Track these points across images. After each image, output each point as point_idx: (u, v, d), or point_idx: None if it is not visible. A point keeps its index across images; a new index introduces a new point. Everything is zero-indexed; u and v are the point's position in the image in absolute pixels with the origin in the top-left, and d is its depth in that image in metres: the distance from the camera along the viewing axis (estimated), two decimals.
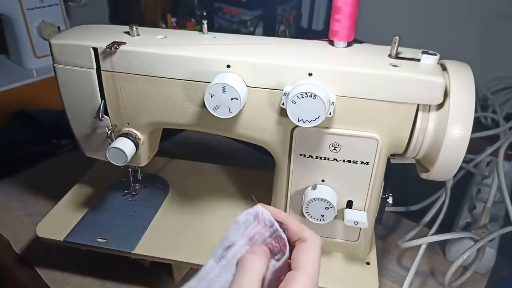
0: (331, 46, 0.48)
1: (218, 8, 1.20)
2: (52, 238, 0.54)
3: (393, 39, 0.45)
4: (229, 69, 0.44)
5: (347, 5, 0.44)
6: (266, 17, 1.16)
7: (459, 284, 0.54)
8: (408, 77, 0.41)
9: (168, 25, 1.20)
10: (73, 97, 0.51)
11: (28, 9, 0.88)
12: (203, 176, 0.68)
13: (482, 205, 0.60)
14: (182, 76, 0.46)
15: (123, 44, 0.46)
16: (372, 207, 0.50)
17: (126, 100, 0.50)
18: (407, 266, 0.57)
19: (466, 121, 0.41)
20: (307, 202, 0.48)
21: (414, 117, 0.44)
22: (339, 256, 0.54)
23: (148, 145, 0.55)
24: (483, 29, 1.00)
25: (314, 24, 1.20)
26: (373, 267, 0.53)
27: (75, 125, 0.54)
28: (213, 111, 0.44)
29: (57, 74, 0.50)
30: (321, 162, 0.48)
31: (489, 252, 0.56)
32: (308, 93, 0.40)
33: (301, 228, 0.33)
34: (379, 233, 0.63)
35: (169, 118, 0.50)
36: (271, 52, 0.46)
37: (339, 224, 0.52)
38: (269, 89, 0.45)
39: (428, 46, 0.47)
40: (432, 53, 0.44)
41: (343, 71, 0.42)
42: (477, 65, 0.47)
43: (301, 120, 0.41)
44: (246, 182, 0.66)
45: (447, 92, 0.42)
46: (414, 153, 0.47)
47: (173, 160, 0.71)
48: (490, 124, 0.93)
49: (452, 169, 0.44)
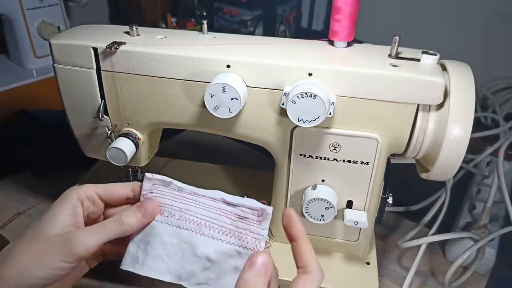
0: (331, 46, 0.48)
1: (218, 8, 1.20)
2: None
3: (393, 39, 0.45)
4: (229, 69, 0.44)
5: (347, 5, 0.44)
6: (266, 17, 1.16)
7: (459, 284, 0.54)
8: (408, 77, 0.41)
9: (168, 25, 1.20)
10: (73, 97, 0.51)
11: (28, 9, 0.88)
12: (203, 176, 0.68)
13: (482, 205, 0.60)
14: (182, 76, 0.46)
15: (123, 44, 0.46)
16: (372, 207, 0.50)
17: (126, 100, 0.50)
18: (407, 266, 0.57)
19: (466, 121, 0.41)
20: (307, 202, 0.48)
21: (414, 117, 0.44)
22: (339, 256, 0.54)
23: (148, 145, 0.55)
24: (483, 29, 1.00)
25: (314, 24, 1.20)
26: (373, 267, 0.53)
27: (75, 125, 0.54)
28: (213, 111, 0.44)
29: (57, 74, 0.50)
30: (321, 162, 0.48)
31: (489, 252, 0.56)
32: (308, 93, 0.40)
33: (311, 257, 0.34)
34: (379, 233, 0.63)
35: (169, 118, 0.50)
36: (271, 52, 0.46)
37: (339, 224, 0.52)
38: (269, 89, 0.45)
39: (428, 46, 0.47)
40: (432, 53, 0.44)
41: (343, 71, 0.42)
42: (477, 65, 0.47)
43: (301, 120, 0.41)
44: (246, 182, 0.66)
45: (447, 92, 0.42)
46: (414, 153, 0.47)
47: (173, 160, 0.71)
48: (490, 124, 0.93)
49: (452, 169, 0.44)
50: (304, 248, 0.35)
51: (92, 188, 0.38)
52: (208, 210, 0.36)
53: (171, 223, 0.37)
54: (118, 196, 0.40)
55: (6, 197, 0.68)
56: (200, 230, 0.36)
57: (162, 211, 0.37)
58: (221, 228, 0.36)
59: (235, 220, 0.36)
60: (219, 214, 0.36)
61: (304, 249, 0.35)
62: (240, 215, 0.36)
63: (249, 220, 0.35)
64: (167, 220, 0.37)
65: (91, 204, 0.38)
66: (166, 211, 0.37)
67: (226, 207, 0.36)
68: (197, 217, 0.36)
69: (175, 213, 0.37)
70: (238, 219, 0.36)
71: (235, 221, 0.36)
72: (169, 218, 0.37)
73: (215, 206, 0.36)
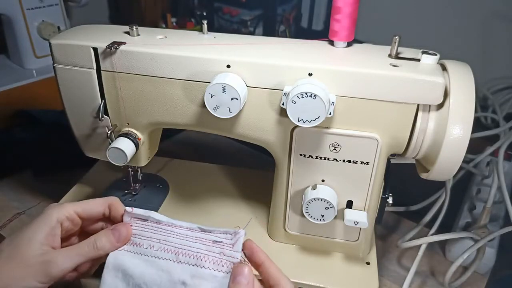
0: (331, 46, 0.48)
1: (218, 8, 1.20)
2: None
3: (393, 39, 0.45)
4: (229, 69, 0.44)
5: (347, 5, 0.44)
6: (266, 17, 1.16)
7: (459, 284, 0.54)
8: (408, 77, 0.41)
9: (168, 25, 1.20)
10: (73, 97, 0.51)
11: (28, 9, 0.88)
12: (203, 176, 0.68)
13: (482, 205, 0.60)
14: (182, 76, 0.46)
15: (123, 44, 0.46)
16: (372, 207, 0.50)
17: (126, 100, 0.50)
18: (407, 266, 0.57)
19: (466, 121, 0.41)
20: (307, 202, 0.48)
21: (414, 117, 0.44)
22: (339, 256, 0.54)
23: (148, 145, 0.55)
24: (483, 29, 1.00)
25: (314, 24, 1.20)
26: (373, 267, 0.53)
27: (75, 125, 0.54)
28: (213, 111, 0.44)
29: (57, 74, 0.50)
30: (321, 162, 0.48)
31: (489, 252, 0.56)
32: (308, 93, 0.40)
33: (280, 275, 0.38)
34: (379, 233, 0.63)
35: (169, 118, 0.50)
36: (271, 52, 0.46)
37: (339, 224, 0.52)
38: (269, 89, 0.45)
39: (428, 46, 0.47)
40: (432, 53, 0.44)
41: (343, 71, 0.42)
42: (477, 65, 0.47)
43: (301, 120, 0.41)
44: (246, 182, 0.66)
45: (447, 92, 0.42)
46: (414, 153, 0.47)
47: (173, 160, 0.71)
48: (490, 124, 0.93)
49: (452, 169, 0.44)
50: (271, 268, 0.38)
51: (71, 208, 0.40)
52: (185, 240, 0.39)
53: (150, 254, 0.39)
54: (96, 213, 0.42)
55: (6, 197, 0.68)
56: (178, 258, 0.39)
57: (141, 243, 0.40)
58: (197, 254, 0.38)
59: (210, 246, 0.39)
60: (195, 242, 0.39)
61: (272, 269, 0.38)
62: (215, 240, 0.39)
63: (222, 244, 0.38)
64: (146, 252, 0.40)
65: (70, 223, 0.40)
66: (145, 243, 0.40)
67: (202, 235, 0.39)
68: (175, 247, 0.39)
69: (154, 245, 0.40)
70: (213, 244, 0.39)
71: (210, 247, 0.39)
72: (148, 249, 0.40)
73: (192, 235, 0.40)
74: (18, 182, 0.71)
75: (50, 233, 0.37)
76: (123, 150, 0.49)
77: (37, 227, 0.37)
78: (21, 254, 0.36)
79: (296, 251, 0.55)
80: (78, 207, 0.40)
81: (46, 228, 0.37)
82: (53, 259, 0.36)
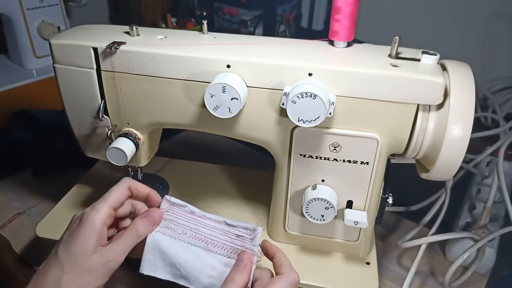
0: (331, 46, 0.48)
1: (218, 8, 1.20)
2: (52, 238, 0.54)
3: (393, 39, 0.45)
4: (229, 69, 0.44)
5: (347, 5, 0.44)
6: (266, 17, 1.16)
7: (459, 284, 0.54)
8: (408, 77, 0.41)
9: (168, 25, 1.20)
10: (73, 97, 0.51)
11: (28, 9, 0.88)
12: (203, 176, 0.68)
13: (482, 205, 0.60)
14: (182, 76, 0.46)
15: (123, 44, 0.46)
16: (372, 207, 0.50)
17: (126, 100, 0.50)
18: (407, 266, 0.57)
19: (466, 121, 0.41)
20: (307, 202, 0.48)
21: (414, 117, 0.44)
22: (339, 256, 0.54)
23: (148, 145, 0.55)
24: (483, 29, 1.00)
25: (314, 24, 1.20)
26: (373, 267, 0.53)
27: (75, 125, 0.54)
28: (213, 111, 0.44)
29: (57, 74, 0.50)
30: (321, 162, 0.48)
31: (489, 252, 0.56)
32: (308, 93, 0.40)
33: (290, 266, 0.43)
34: (379, 233, 0.63)
35: (169, 118, 0.50)
36: (271, 52, 0.46)
37: (339, 224, 0.52)
38: (269, 89, 0.45)
39: (428, 46, 0.47)
40: (432, 53, 0.44)
41: (343, 71, 0.42)
42: (477, 65, 0.47)
43: (301, 120, 0.41)
44: (246, 182, 0.66)
45: (447, 92, 0.42)
46: (414, 153, 0.47)
47: (173, 160, 0.71)
48: (490, 124, 0.93)
49: (452, 169, 0.44)
50: (283, 259, 0.43)
51: (106, 206, 0.42)
52: (213, 231, 0.45)
53: (183, 240, 0.44)
54: (124, 200, 0.45)
55: (6, 197, 0.68)
56: (207, 247, 0.44)
57: (176, 229, 0.45)
58: (223, 245, 0.44)
59: (233, 239, 0.44)
60: (222, 234, 0.45)
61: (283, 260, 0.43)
62: (238, 234, 0.44)
63: (243, 238, 0.44)
64: (179, 237, 0.44)
65: (111, 219, 0.43)
66: (179, 229, 0.45)
67: (227, 228, 0.45)
68: (205, 237, 0.45)
69: (187, 232, 0.45)
70: (236, 237, 0.44)
71: (234, 240, 0.44)
72: (181, 235, 0.45)
73: (219, 227, 0.45)
74: (18, 182, 0.71)
75: (100, 236, 0.41)
76: (123, 150, 0.49)
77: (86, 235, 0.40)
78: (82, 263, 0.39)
79: (296, 251, 0.55)
80: (111, 202, 0.43)
81: (95, 234, 0.40)
82: (112, 257, 0.40)
